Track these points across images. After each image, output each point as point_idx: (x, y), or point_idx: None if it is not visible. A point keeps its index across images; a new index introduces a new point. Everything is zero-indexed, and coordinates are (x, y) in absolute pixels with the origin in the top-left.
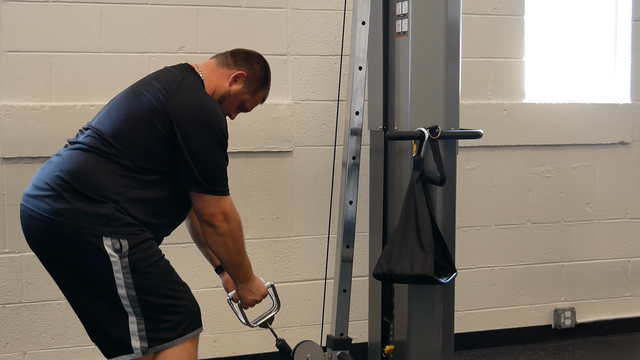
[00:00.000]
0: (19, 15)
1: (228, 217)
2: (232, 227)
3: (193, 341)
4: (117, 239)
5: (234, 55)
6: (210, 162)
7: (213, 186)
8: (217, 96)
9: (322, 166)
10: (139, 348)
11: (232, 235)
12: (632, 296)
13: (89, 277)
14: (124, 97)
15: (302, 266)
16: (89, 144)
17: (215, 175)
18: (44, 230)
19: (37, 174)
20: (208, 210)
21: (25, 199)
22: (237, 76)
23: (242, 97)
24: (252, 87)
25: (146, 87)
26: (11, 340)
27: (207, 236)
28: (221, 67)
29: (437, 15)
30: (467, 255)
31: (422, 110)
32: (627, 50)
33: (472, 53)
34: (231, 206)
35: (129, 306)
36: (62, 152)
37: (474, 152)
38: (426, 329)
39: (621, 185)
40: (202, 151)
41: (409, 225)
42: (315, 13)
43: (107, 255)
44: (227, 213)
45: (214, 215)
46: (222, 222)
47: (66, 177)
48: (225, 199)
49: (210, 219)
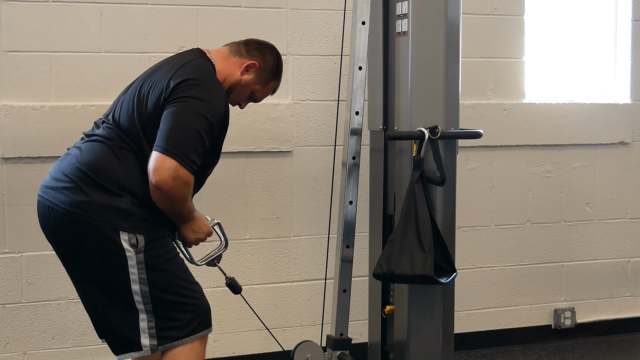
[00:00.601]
0: (19, 15)
1: (178, 183)
2: (181, 190)
3: (202, 341)
4: (134, 234)
5: (247, 45)
6: (185, 129)
7: (176, 150)
8: (227, 84)
9: (322, 166)
10: (148, 346)
11: (180, 197)
12: (632, 296)
13: (103, 270)
14: (136, 86)
15: (302, 266)
16: (106, 136)
17: (184, 142)
18: (62, 222)
19: (55, 165)
20: (160, 175)
21: (44, 190)
22: (249, 66)
23: (253, 87)
24: (263, 77)
25: (157, 73)
26: (11, 340)
27: (152, 194)
28: (233, 55)
29: (437, 15)
30: (467, 255)
31: (422, 110)
32: (627, 50)
33: (472, 53)
34: (187, 175)
35: (140, 302)
36: (79, 144)
37: (474, 152)
38: (426, 329)
39: (621, 185)
40: (180, 113)
41: (409, 225)
42: (315, 13)
43: (123, 250)
44: (181, 178)
45: (164, 180)
46: (171, 188)
47: (85, 169)
48: (182, 169)
49: (160, 183)
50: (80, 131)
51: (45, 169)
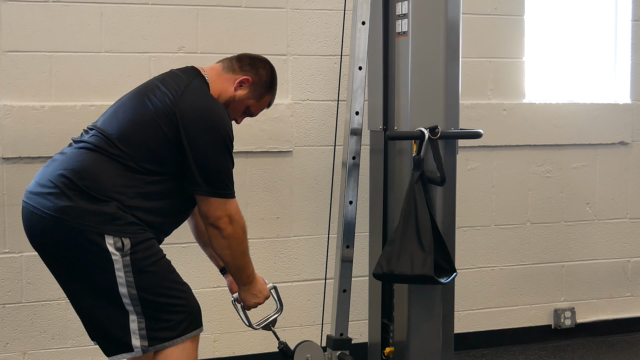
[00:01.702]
0: (19, 15)
1: (233, 220)
2: (237, 230)
3: (193, 341)
4: (120, 238)
5: (240, 60)
6: (215, 165)
7: (218, 189)
8: (222, 101)
9: (322, 166)
10: (139, 347)
11: (236, 238)
12: (632, 296)
13: (90, 275)
14: (130, 99)
15: (302, 266)
16: (94, 143)
17: (221, 178)
18: (47, 228)
19: (40, 171)
20: (213, 213)
21: (28, 196)
22: (243, 81)
23: (248, 102)
24: (257, 92)
25: (153, 90)
26: (11, 340)
27: (212, 239)
28: (227, 72)
29: (437, 15)
30: (467, 255)
31: (422, 110)
32: (627, 50)
33: (472, 53)
34: (236, 209)
35: (129, 305)
36: (66, 151)
37: (474, 152)
38: (426, 329)
39: (621, 185)
40: (207, 154)
41: (409, 225)
42: (315, 13)
43: (109, 254)
44: (233, 216)
45: (219, 218)
46: (227, 225)
47: (70, 175)
48: (231, 202)
49: (216, 221)
50: (80, 131)
51: None
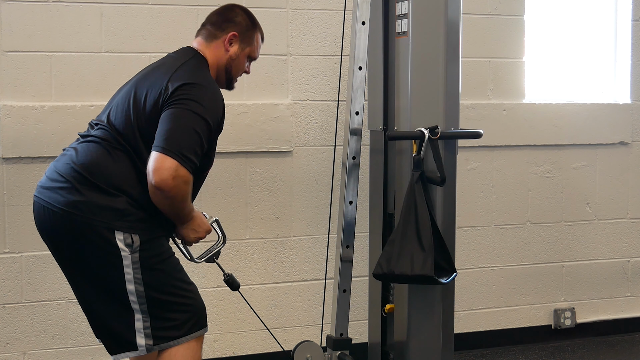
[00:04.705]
0: (19, 15)
1: (178, 182)
2: (182, 189)
3: (198, 341)
4: (130, 234)
5: (214, 24)
6: (183, 127)
7: (175, 150)
8: (221, 67)
9: (322, 166)
10: (143, 345)
11: (180, 197)
12: (632, 296)
13: (99, 270)
14: (132, 88)
15: (302, 266)
16: (101, 137)
17: (184, 142)
18: (57, 222)
19: (50, 166)
20: (160, 175)
21: (39, 190)
22: (230, 39)
23: (245, 52)
24: (247, 38)
25: (154, 76)
26: (11, 340)
27: (152, 195)
28: (210, 40)
29: (437, 15)
30: (467, 255)
31: (422, 110)
32: (627, 50)
33: (472, 53)
34: (186, 174)
35: (135, 302)
36: (75, 145)
37: (474, 152)
38: (426, 329)
39: (621, 185)
40: (180, 115)
41: (409, 225)
42: (315, 13)
43: (119, 250)
44: (179, 177)
45: (164, 180)
46: (172, 188)
47: (80, 169)
48: (182, 168)
49: (160, 183)
50: (81, 131)
51: (45, 169)
